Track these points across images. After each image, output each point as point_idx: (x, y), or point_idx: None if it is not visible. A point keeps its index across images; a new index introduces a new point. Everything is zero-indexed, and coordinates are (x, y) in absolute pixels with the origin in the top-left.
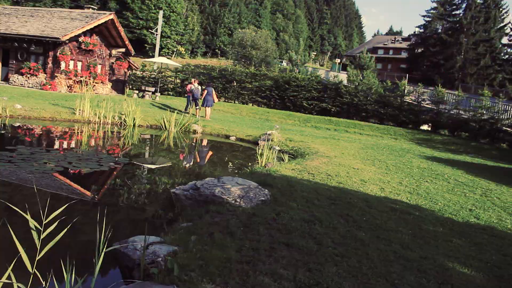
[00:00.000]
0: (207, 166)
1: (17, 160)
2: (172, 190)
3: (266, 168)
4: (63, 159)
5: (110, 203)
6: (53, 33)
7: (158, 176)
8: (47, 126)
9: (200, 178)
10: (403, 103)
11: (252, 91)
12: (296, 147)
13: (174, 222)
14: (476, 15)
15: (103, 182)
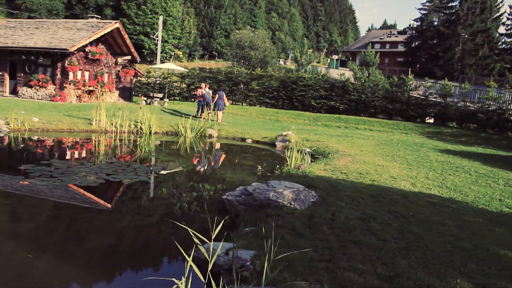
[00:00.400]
0: (237, 171)
1: (57, 174)
2: (223, 197)
3: (301, 170)
4: (100, 171)
5: (167, 212)
6: (60, 44)
7: (195, 183)
8: (69, 138)
9: (235, 183)
10: (411, 98)
11: (259, 92)
12: (314, 146)
13: (233, 227)
14: (472, 6)
15: (150, 192)
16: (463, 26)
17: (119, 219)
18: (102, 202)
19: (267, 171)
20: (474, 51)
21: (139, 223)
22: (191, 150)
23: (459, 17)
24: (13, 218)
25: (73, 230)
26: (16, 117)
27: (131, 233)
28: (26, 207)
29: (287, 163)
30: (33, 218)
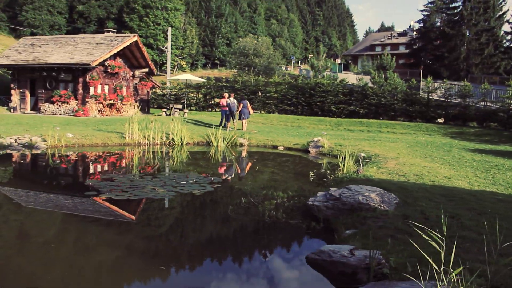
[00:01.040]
0: (289, 178)
1: (127, 188)
2: (310, 203)
3: (361, 174)
4: (164, 183)
5: (256, 219)
6: (82, 59)
7: (260, 191)
8: (111, 152)
9: (297, 190)
10: (431, 100)
11: (278, 99)
12: (351, 151)
13: (326, 231)
14: (476, 5)
15: (226, 202)
16: (468, 25)
17: (219, 227)
18: (186, 212)
19: (318, 177)
20: (480, 50)
21: (235, 231)
22: (234, 159)
23: (463, 17)
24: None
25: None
26: (52, 133)
27: (233, 240)
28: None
29: (339, 168)
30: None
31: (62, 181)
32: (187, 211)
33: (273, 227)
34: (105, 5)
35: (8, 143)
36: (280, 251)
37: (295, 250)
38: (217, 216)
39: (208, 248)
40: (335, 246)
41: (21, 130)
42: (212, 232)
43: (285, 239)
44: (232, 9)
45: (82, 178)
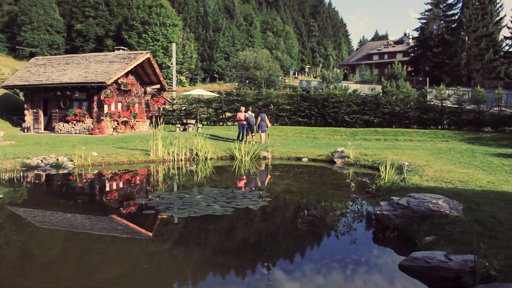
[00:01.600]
0: (328, 189)
1: (181, 206)
2: (378, 212)
3: (409, 182)
4: (215, 199)
5: (326, 232)
6: (97, 77)
7: (313, 203)
8: (140, 169)
9: (351, 200)
10: (445, 107)
11: (291, 111)
12: (378, 160)
13: (401, 238)
14: (474, 12)
15: (289, 215)
16: (467, 32)
17: (303, 238)
18: (259, 227)
19: (359, 186)
20: (480, 55)
21: (316, 243)
22: (265, 172)
23: (462, 23)
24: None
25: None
26: (78, 152)
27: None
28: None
29: (380, 178)
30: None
31: (114, 201)
32: (259, 226)
33: (348, 237)
34: (103, 23)
35: (35, 163)
36: (368, 260)
37: (382, 259)
38: (289, 229)
39: (299, 261)
40: (426, 253)
41: (44, 150)
42: (295, 245)
43: (365, 248)
44: (229, 23)
45: (130, 197)
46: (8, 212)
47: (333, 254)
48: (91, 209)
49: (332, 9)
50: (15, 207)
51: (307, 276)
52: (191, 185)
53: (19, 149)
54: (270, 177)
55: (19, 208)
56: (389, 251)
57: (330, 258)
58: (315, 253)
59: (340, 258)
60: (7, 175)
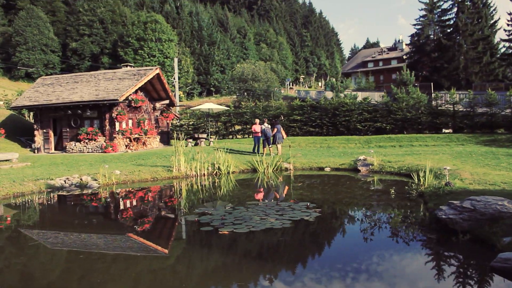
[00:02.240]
0: (370, 198)
1: (235, 220)
2: (443, 216)
3: (455, 186)
4: (265, 213)
5: (398, 239)
6: (108, 95)
7: (366, 212)
8: (168, 186)
9: (401, 207)
10: (457, 111)
11: (302, 122)
12: (405, 166)
13: (474, 241)
14: (469, 16)
15: (351, 226)
16: (463, 36)
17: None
18: (334, 238)
19: (399, 193)
20: (477, 59)
21: (397, 251)
22: (293, 183)
23: (458, 28)
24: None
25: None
26: (103, 171)
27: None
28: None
29: (419, 183)
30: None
31: (163, 220)
32: (331, 237)
33: (420, 242)
34: (98, 41)
35: (59, 184)
36: (457, 264)
37: (469, 262)
38: (363, 238)
39: (403, 269)
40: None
41: (63, 171)
42: (384, 254)
43: (447, 252)
44: (223, 36)
45: (176, 215)
46: (55, 236)
47: (420, 259)
48: (147, 231)
49: (323, 18)
50: (64, 233)
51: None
52: (230, 200)
53: (37, 170)
54: (302, 187)
55: (67, 234)
56: (470, 253)
57: (420, 263)
58: (408, 260)
59: (430, 262)
60: (36, 198)
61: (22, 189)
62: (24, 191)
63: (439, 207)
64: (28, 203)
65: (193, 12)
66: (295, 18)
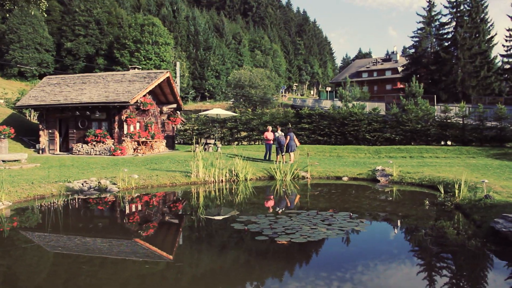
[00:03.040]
0: (411, 208)
1: (286, 230)
2: (503, 230)
3: (495, 199)
4: (310, 222)
5: (461, 249)
6: (119, 97)
7: (415, 223)
8: (193, 191)
9: (446, 219)
10: (467, 124)
11: (310, 130)
12: (425, 177)
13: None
14: (467, 30)
15: (408, 236)
16: (461, 50)
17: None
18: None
19: (433, 204)
20: (475, 72)
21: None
22: (316, 192)
23: (457, 41)
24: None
25: None
26: (122, 175)
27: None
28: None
29: (451, 195)
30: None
31: (208, 227)
32: (394, 247)
33: (493, 255)
34: (93, 42)
35: (78, 187)
36: None
37: None
38: (425, 249)
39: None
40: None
41: (76, 173)
42: (458, 263)
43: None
44: (219, 41)
45: (217, 223)
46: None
47: (500, 273)
48: (204, 239)
49: (317, 27)
50: (116, 239)
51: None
52: (270, 208)
53: (48, 172)
54: (330, 197)
55: (120, 240)
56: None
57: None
58: (493, 274)
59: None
60: (60, 201)
61: (42, 191)
62: (44, 194)
63: (493, 220)
64: (54, 206)
65: (189, 17)
66: (290, 26)
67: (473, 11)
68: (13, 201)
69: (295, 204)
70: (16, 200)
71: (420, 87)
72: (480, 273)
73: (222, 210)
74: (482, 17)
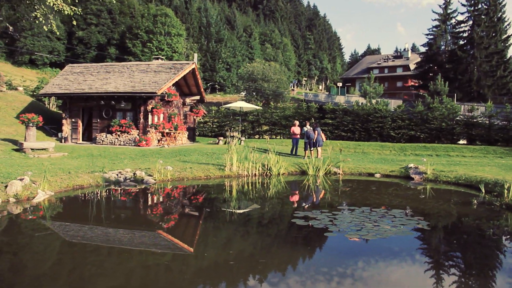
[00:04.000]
0: (458, 206)
1: (351, 227)
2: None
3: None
4: (369, 220)
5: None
6: (145, 87)
7: (478, 222)
8: (237, 183)
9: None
10: (493, 124)
11: (333, 126)
12: (461, 176)
13: None
14: (484, 29)
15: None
16: (478, 49)
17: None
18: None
19: (480, 204)
20: (491, 72)
21: None
22: (356, 189)
23: (473, 40)
24: None
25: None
26: (158, 167)
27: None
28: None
29: (495, 194)
30: None
31: (276, 221)
32: (474, 247)
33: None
34: (105, 31)
35: (113, 178)
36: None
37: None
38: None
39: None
40: None
41: (107, 164)
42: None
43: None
44: (230, 33)
45: (279, 217)
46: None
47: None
48: (276, 235)
49: (326, 22)
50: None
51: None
52: (320, 204)
53: (78, 161)
54: (370, 194)
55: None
56: None
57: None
58: None
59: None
60: (103, 192)
61: (80, 181)
62: (82, 184)
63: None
64: (98, 197)
65: (201, 8)
66: (300, 20)
67: (491, 9)
68: (54, 190)
69: (339, 201)
70: (57, 190)
71: (445, 85)
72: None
73: (276, 205)
74: (500, 16)
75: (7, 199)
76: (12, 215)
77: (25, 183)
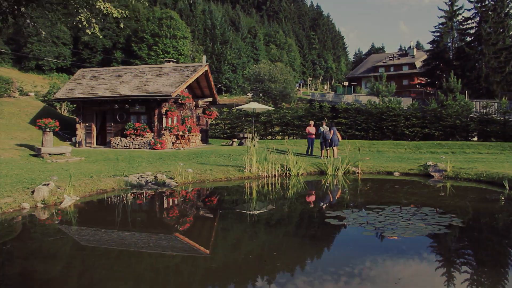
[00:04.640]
0: (484, 202)
1: (385, 226)
2: None
3: None
4: (402, 218)
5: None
6: (160, 90)
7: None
8: (258, 184)
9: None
10: (508, 120)
11: (347, 125)
12: (482, 173)
13: None
14: (492, 25)
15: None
16: (486, 45)
17: None
18: None
19: (508, 200)
20: (500, 68)
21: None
22: (376, 188)
23: (481, 36)
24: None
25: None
26: (178, 170)
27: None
28: None
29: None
30: None
31: (303, 220)
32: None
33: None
34: (110, 35)
35: (135, 182)
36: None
37: None
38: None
39: None
40: None
41: (126, 167)
42: None
43: None
44: (235, 35)
45: (316, 217)
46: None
47: None
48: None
49: (330, 21)
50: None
51: None
52: (350, 203)
53: (97, 165)
54: (393, 192)
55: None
56: None
57: None
58: None
59: None
60: (129, 195)
61: (103, 185)
62: (106, 188)
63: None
64: (123, 200)
65: (206, 10)
66: (303, 20)
67: (498, 5)
68: (79, 195)
69: (365, 200)
70: (82, 194)
71: (458, 83)
72: None
73: (305, 205)
74: (507, 11)
75: (35, 204)
76: (45, 220)
77: (50, 188)
